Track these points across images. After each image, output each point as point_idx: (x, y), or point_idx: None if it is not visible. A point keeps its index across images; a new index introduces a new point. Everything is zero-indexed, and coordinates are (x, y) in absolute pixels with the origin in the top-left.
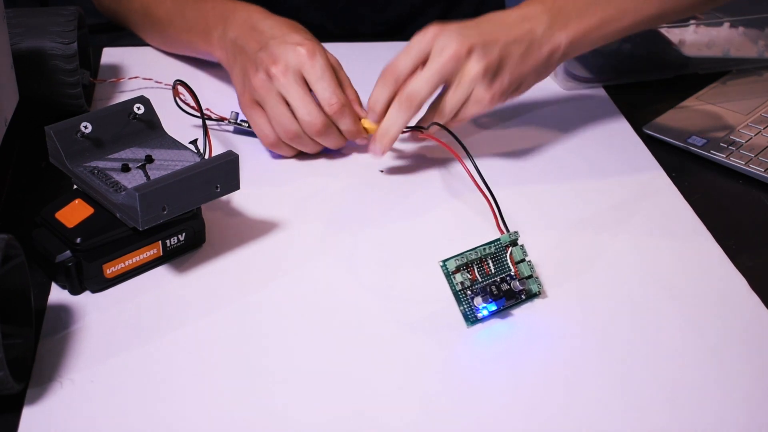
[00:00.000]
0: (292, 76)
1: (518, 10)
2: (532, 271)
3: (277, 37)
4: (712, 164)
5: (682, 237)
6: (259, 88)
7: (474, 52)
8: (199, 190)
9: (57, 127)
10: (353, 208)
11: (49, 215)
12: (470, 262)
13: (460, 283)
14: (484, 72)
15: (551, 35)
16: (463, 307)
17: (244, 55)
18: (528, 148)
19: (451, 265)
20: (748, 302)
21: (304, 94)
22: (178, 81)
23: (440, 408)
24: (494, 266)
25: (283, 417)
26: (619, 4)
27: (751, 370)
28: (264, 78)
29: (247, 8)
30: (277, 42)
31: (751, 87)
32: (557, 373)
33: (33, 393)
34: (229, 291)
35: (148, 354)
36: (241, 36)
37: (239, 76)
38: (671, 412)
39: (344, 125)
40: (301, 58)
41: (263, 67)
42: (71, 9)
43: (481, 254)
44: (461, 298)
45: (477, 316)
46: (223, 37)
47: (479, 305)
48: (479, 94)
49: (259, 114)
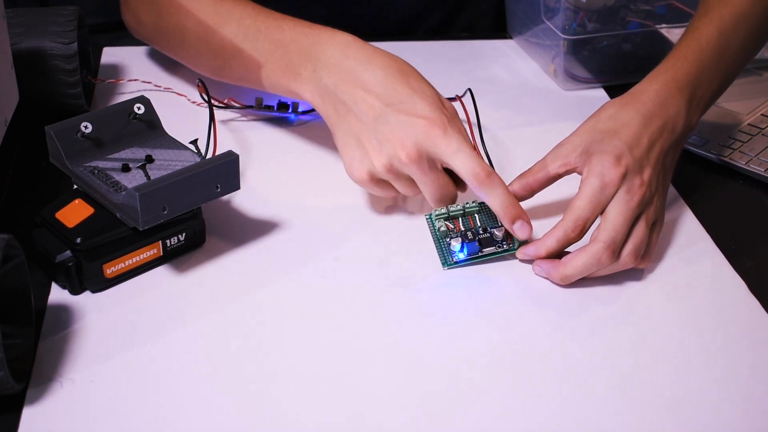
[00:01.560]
0: (426, 163)
1: (654, 96)
2: None
3: (395, 104)
4: (712, 164)
5: (682, 238)
6: (387, 172)
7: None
8: (200, 190)
9: (57, 127)
10: (353, 208)
11: (49, 215)
12: (455, 216)
13: (439, 230)
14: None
15: (690, 121)
16: (440, 248)
17: (353, 118)
18: (528, 148)
19: (435, 217)
20: (748, 303)
21: (436, 179)
22: (199, 79)
23: (444, 410)
24: (480, 220)
25: (284, 417)
26: (729, 59)
27: (751, 372)
28: (391, 164)
29: (333, 41)
30: (399, 116)
31: (751, 87)
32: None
33: (33, 393)
34: (229, 291)
35: (148, 354)
36: (342, 87)
37: (349, 140)
38: (671, 413)
39: (496, 196)
40: (433, 138)
41: (388, 152)
42: (71, 9)
43: (467, 210)
44: (440, 242)
45: (453, 259)
46: (316, 80)
47: (454, 248)
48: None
49: (384, 187)
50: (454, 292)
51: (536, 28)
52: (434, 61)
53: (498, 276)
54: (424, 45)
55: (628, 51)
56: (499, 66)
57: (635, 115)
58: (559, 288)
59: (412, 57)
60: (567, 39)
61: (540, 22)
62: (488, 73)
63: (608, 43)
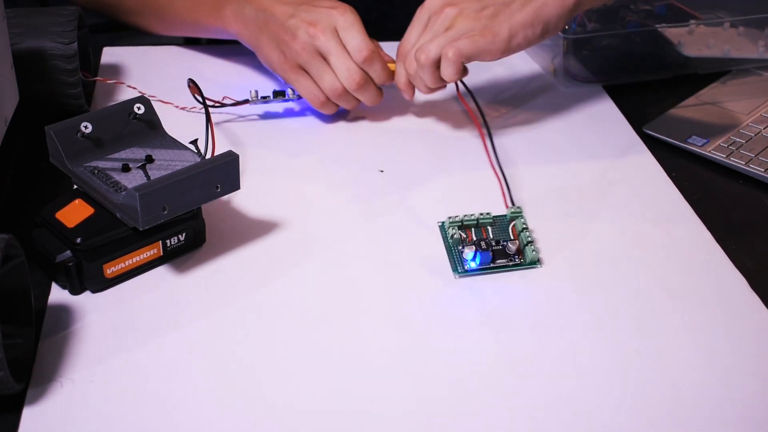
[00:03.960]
0: (330, 33)
1: None
2: (531, 239)
3: (306, 4)
4: (712, 164)
5: (683, 237)
6: (302, 51)
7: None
8: (200, 190)
9: (57, 127)
10: (354, 207)
11: (49, 215)
12: (468, 225)
13: (452, 237)
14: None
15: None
16: (452, 257)
17: (274, 24)
18: (528, 148)
19: (448, 225)
20: (749, 302)
21: (342, 50)
22: (190, 79)
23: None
24: (493, 232)
25: (284, 418)
26: None
27: (751, 370)
28: (305, 40)
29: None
30: (308, 7)
31: (751, 87)
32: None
33: (33, 393)
34: (229, 291)
35: (148, 354)
36: (262, 8)
37: (272, 46)
38: (670, 412)
39: (374, 72)
40: (334, 17)
41: (302, 31)
42: (71, 9)
43: (480, 222)
44: (452, 249)
45: (465, 267)
46: (240, 11)
47: (467, 256)
48: (467, 26)
49: (304, 77)
50: (459, 298)
51: None
52: None
53: (503, 283)
54: None
55: (628, 51)
56: (499, 66)
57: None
58: (567, 295)
59: None
60: (567, 39)
61: None
62: (488, 73)
63: (608, 42)
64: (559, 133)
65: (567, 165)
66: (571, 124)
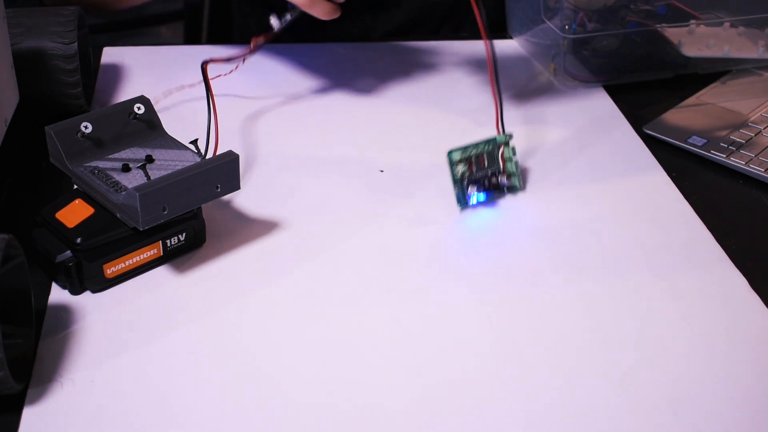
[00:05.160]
0: None
1: None
2: (517, 169)
3: None
4: (712, 164)
5: (682, 237)
6: None
7: None
8: (200, 190)
9: (57, 127)
10: (354, 207)
11: (49, 215)
12: (470, 156)
13: (460, 173)
14: None
15: None
16: (458, 192)
17: None
18: (527, 148)
19: (455, 156)
20: (749, 302)
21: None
22: (204, 62)
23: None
24: (488, 161)
25: (285, 416)
26: None
27: (752, 370)
28: None
29: None
30: None
31: (751, 87)
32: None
33: (33, 393)
34: (229, 291)
35: (148, 354)
36: None
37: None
38: (673, 410)
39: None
40: None
41: None
42: (71, 9)
43: (480, 150)
44: (459, 185)
45: (468, 203)
46: None
47: (472, 193)
48: None
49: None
50: (461, 298)
51: (536, 27)
52: (434, 61)
53: (505, 283)
54: (424, 45)
55: (627, 51)
56: (499, 66)
57: None
58: (566, 299)
59: (412, 57)
60: (567, 38)
61: (540, 21)
62: (488, 72)
63: (608, 42)
64: (559, 133)
65: (567, 165)
66: (571, 124)
